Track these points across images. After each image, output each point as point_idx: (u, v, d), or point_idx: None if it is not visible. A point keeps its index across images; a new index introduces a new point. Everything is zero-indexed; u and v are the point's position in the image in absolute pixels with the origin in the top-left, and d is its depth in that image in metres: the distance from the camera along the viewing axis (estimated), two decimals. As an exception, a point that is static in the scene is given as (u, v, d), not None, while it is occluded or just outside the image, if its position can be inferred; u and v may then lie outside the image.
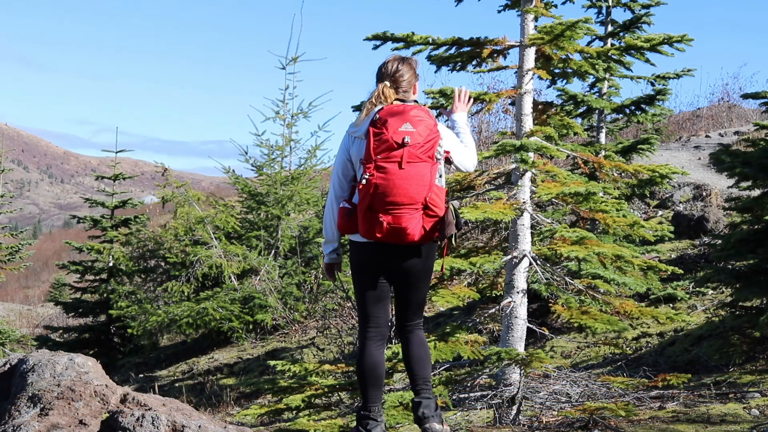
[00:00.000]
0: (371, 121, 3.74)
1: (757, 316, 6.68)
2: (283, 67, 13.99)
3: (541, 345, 9.07)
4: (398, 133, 3.64)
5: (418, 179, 3.63)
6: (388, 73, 3.91)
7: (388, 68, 3.93)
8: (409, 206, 3.63)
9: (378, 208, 3.65)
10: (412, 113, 3.71)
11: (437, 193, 3.67)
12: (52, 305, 21.46)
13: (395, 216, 3.64)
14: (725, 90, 22.25)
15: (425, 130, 3.67)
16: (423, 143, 3.65)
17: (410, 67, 3.94)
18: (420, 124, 3.68)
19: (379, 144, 3.66)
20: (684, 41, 6.23)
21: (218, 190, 31.67)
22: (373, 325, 3.91)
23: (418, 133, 3.65)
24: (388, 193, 3.62)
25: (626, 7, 10.60)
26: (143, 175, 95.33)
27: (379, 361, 3.90)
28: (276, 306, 12.30)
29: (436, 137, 3.70)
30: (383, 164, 3.64)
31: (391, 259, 3.81)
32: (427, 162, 3.66)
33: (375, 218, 3.66)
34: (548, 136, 5.94)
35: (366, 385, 3.90)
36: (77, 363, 3.86)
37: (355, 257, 3.91)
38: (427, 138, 3.66)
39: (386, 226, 3.64)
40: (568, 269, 6.95)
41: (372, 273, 3.87)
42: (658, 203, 13.29)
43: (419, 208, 3.64)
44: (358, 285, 3.94)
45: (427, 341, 4.00)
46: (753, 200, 7.11)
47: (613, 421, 5.15)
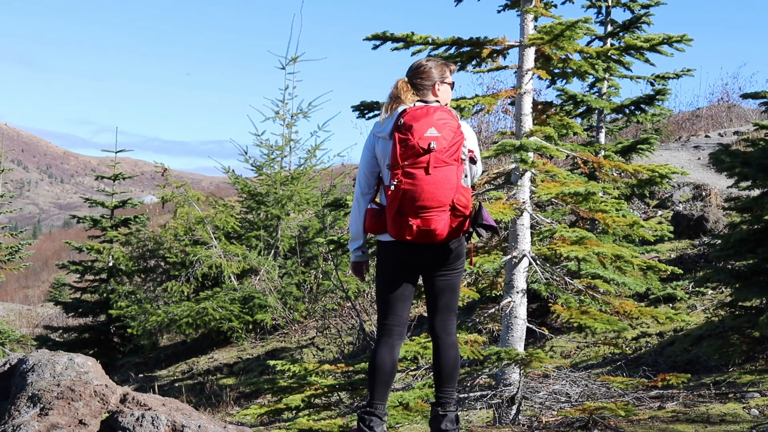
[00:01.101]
0: (396, 125, 3.76)
1: (757, 316, 6.68)
2: (282, 67, 14.01)
3: (540, 345, 9.07)
4: (424, 139, 3.67)
5: (445, 183, 3.68)
6: (410, 70, 3.95)
7: (412, 66, 3.97)
8: (438, 209, 3.69)
9: (407, 212, 3.70)
10: (436, 116, 3.73)
11: (463, 193, 3.72)
12: (51, 305, 21.46)
13: (424, 219, 3.69)
14: (725, 90, 22.26)
15: (450, 133, 3.70)
16: (448, 147, 3.68)
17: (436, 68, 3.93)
18: (445, 127, 3.70)
19: (405, 150, 3.69)
20: (684, 41, 6.23)
21: (218, 190, 31.67)
22: (393, 324, 3.93)
23: (443, 137, 3.68)
24: (416, 198, 3.68)
25: (626, 7, 10.60)
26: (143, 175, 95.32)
27: (392, 359, 3.91)
28: (276, 306, 12.30)
29: (461, 139, 3.73)
30: (411, 170, 3.68)
31: (419, 258, 3.85)
32: (453, 165, 3.70)
33: (405, 221, 3.72)
34: (548, 136, 5.94)
35: (375, 382, 3.90)
36: (77, 363, 3.86)
37: (382, 255, 3.95)
38: (452, 141, 3.70)
39: (416, 229, 3.71)
40: (567, 269, 6.95)
41: (398, 271, 3.91)
42: (657, 203, 13.29)
43: (447, 209, 3.70)
44: (383, 282, 3.96)
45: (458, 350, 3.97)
46: (752, 200, 7.12)
47: (613, 420, 5.16)
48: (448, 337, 3.93)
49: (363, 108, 6.28)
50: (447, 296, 3.92)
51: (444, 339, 3.93)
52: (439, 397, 3.95)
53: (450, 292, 3.92)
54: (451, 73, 4.00)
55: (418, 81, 3.90)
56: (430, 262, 3.86)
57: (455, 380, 3.96)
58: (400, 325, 3.93)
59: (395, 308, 3.92)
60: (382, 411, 3.90)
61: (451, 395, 3.94)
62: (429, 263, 3.86)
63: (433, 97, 3.92)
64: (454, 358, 3.93)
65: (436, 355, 3.95)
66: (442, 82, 3.93)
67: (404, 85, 3.89)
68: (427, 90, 3.91)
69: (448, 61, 4.03)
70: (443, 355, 3.92)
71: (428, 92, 3.91)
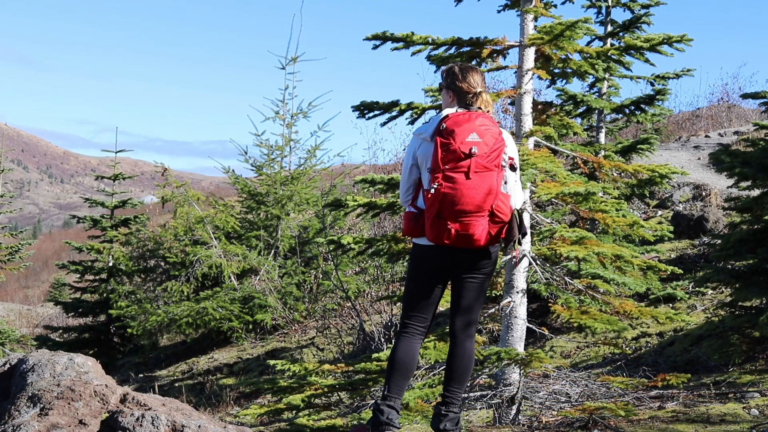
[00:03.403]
0: (438, 129, 3.78)
1: (757, 316, 6.68)
2: (282, 67, 14.00)
3: (540, 345, 9.07)
4: (465, 144, 3.70)
5: (485, 188, 3.70)
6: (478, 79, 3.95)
7: (479, 72, 3.98)
8: (477, 214, 3.71)
9: (447, 216, 3.72)
10: (477, 122, 3.75)
11: (503, 200, 3.74)
12: (51, 305, 21.46)
13: (463, 224, 3.72)
14: (725, 90, 22.28)
15: (491, 139, 3.73)
16: (489, 152, 3.71)
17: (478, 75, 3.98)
18: (486, 133, 3.73)
19: (446, 154, 3.72)
20: (683, 41, 6.23)
21: (218, 190, 31.68)
22: (417, 323, 3.97)
23: (484, 143, 3.71)
24: (456, 202, 3.70)
25: (626, 7, 10.60)
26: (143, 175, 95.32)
27: (414, 354, 3.94)
28: (276, 306, 12.30)
29: (502, 145, 3.76)
30: (452, 174, 3.71)
31: (455, 262, 3.87)
32: (493, 171, 3.72)
33: (443, 225, 3.74)
34: (548, 135, 5.94)
35: (394, 376, 3.93)
36: (77, 363, 3.86)
37: (417, 258, 3.97)
38: (493, 147, 3.72)
39: (454, 233, 3.73)
40: (567, 269, 6.95)
41: (432, 275, 3.94)
42: (657, 203, 13.30)
43: (486, 215, 3.72)
44: (415, 285, 3.99)
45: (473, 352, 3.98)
46: (752, 200, 7.12)
47: (613, 420, 5.16)
48: (467, 338, 3.95)
49: (363, 108, 6.28)
50: (472, 298, 3.94)
51: (462, 339, 3.95)
52: (445, 396, 3.97)
53: (476, 295, 3.94)
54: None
55: (482, 90, 3.94)
56: (465, 267, 3.88)
57: (464, 382, 3.97)
58: (423, 326, 3.99)
59: (422, 310, 3.97)
60: (399, 404, 3.92)
61: (457, 396, 3.95)
62: (463, 267, 3.89)
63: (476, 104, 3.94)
64: (468, 360, 3.95)
65: (451, 354, 3.97)
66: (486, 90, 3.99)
67: (485, 99, 3.93)
68: (477, 99, 3.94)
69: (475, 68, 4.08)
70: (458, 356, 3.94)
71: (478, 101, 3.95)
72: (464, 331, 3.95)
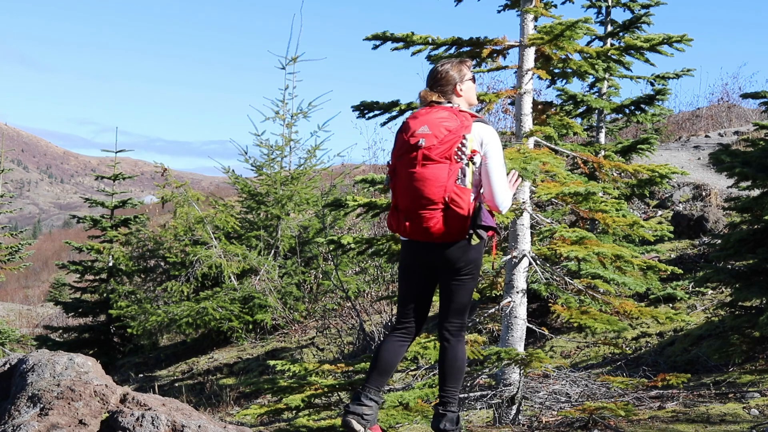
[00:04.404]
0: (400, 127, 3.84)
1: (757, 316, 6.68)
2: (282, 67, 14.00)
3: (540, 345, 9.07)
4: (415, 136, 3.73)
5: (433, 180, 3.68)
6: (429, 79, 3.97)
7: (429, 74, 3.99)
8: (429, 206, 3.69)
9: (402, 208, 3.79)
10: (435, 115, 3.76)
11: (458, 193, 3.68)
12: (51, 305, 21.47)
13: (415, 215, 3.73)
14: (725, 90, 22.29)
15: (442, 131, 3.70)
16: (438, 144, 3.68)
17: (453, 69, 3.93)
18: (438, 126, 3.71)
19: (399, 147, 3.79)
20: (683, 41, 6.23)
21: (218, 190, 31.69)
22: (403, 321, 3.98)
23: (433, 135, 3.69)
24: (405, 194, 3.75)
25: (626, 7, 10.61)
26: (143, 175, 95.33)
27: (395, 351, 3.94)
28: (276, 306, 12.30)
29: (455, 138, 3.70)
30: (401, 166, 3.76)
31: (427, 258, 3.86)
32: (443, 163, 3.68)
33: (400, 217, 3.80)
34: (548, 135, 5.94)
35: (373, 368, 3.95)
36: (77, 363, 3.86)
37: (400, 253, 4.04)
38: (444, 139, 3.69)
39: (409, 225, 3.76)
40: (567, 269, 6.95)
41: (412, 271, 3.95)
42: (657, 203, 13.29)
43: (440, 207, 3.69)
44: (399, 280, 4.06)
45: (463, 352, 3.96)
46: (752, 200, 7.12)
47: (613, 420, 5.16)
48: (453, 338, 3.93)
49: (363, 108, 6.28)
50: (457, 299, 3.91)
51: (448, 340, 3.93)
52: (441, 396, 3.97)
53: (464, 296, 3.91)
54: (469, 69, 4.00)
55: (439, 88, 3.92)
56: (440, 264, 3.85)
57: (458, 381, 3.96)
58: (407, 324, 3.97)
59: (406, 306, 3.98)
60: (370, 395, 3.91)
61: (453, 395, 3.94)
62: (438, 264, 3.86)
63: (456, 98, 3.92)
64: (457, 360, 3.92)
65: (441, 355, 3.97)
66: (462, 80, 3.93)
67: (428, 94, 3.91)
68: (450, 94, 3.92)
69: (462, 59, 4.04)
70: (448, 357, 3.93)
71: (452, 96, 3.92)
72: (450, 331, 3.93)
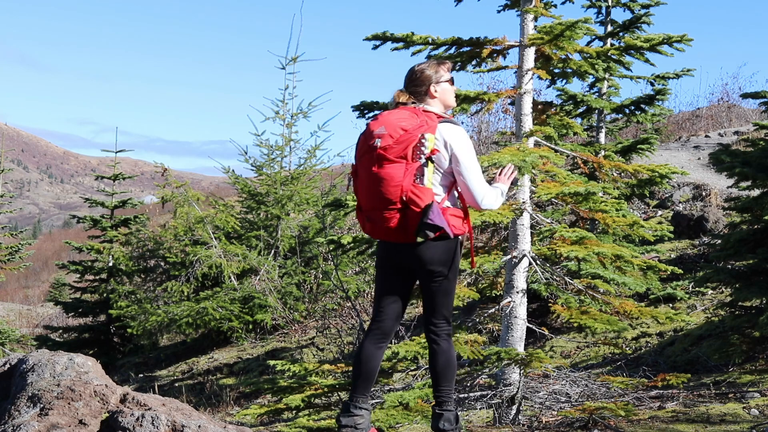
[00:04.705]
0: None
1: (757, 316, 6.68)
2: (282, 67, 14.00)
3: (540, 345, 9.07)
4: (372, 137, 3.74)
5: (389, 180, 3.68)
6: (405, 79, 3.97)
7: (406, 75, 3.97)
8: (388, 207, 3.70)
9: (364, 209, 3.83)
10: (394, 116, 3.75)
11: (416, 192, 3.66)
12: (51, 305, 21.47)
13: (376, 215, 3.76)
14: (725, 90, 22.30)
15: (399, 131, 3.68)
16: (394, 144, 3.67)
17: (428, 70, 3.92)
18: (395, 125, 3.70)
19: (359, 148, 3.81)
20: (683, 41, 6.23)
21: (218, 190, 31.70)
22: (376, 320, 3.97)
23: (389, 134, 3.68)
24: (364, 195, 3.79)
25: (626, 7, 10.61)
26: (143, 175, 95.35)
27: (372, 355, 3.93)
28: (276, 306, 12.30)
29: (411, 137, 3.67)
30: (361, 167, 3.80)
31: (398, 258, 3.86)
32: (399, 163, 3.67)
33: (363, 218, 3.85)
34: (548, 135, 5.94)
35: (356, 377, 3.96)
36: (77, 363, 3.85)
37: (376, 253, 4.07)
38: (399, 139, 3.67)
39: (369, 225, 3.81)
40: (567, 269, 6.95)
41: (384, 269, 3.96)
42: (657, 203, 13.30)
43: (397, 207, 3.69)
44: (375, 279, 4.07)
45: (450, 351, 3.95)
46: (752, 200, 7.12)
47: (613, 420, 5.16)
48: (439, 339, 3.92)
49: (363, 108, 6.28)
50: (438, 301, 3.90)
51: (435, 341, 3.93)
52: (437, 397, 3.97)
53: (441, 297, 3.89)
54: (447, 71, 3.96)
55: (413, 89, 3.91)
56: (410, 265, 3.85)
57: (451, 380, 3.95)
58: (381, 322, 3.96)
59: (381, 306, 3.97)
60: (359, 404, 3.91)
61: (448, 394, 3.94)
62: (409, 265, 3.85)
63: (431, 99, 3.90)
64: (448, 360, 3.92)
65: (430, 356, 3.97)
66: (437, 82, 3.90)
67: (399, 94, 3.92)
68: (424, 95, 3.89)
69: (442, 59, 4.03)
70: (435, 357, 3.93)
71: (425, 96, 3.90)
72: (435, 332, 3.93)
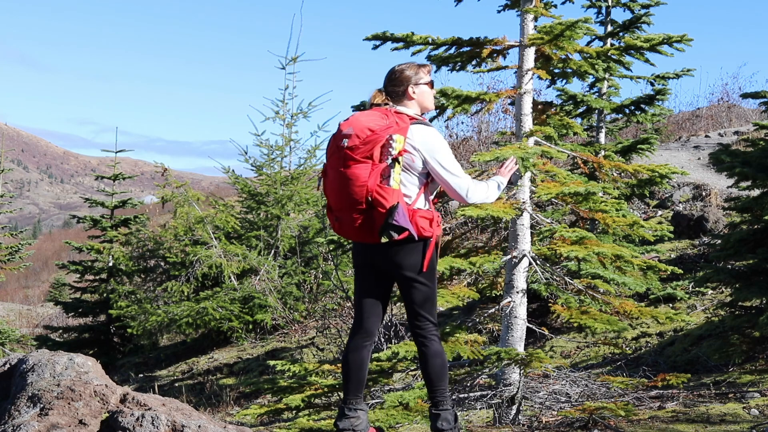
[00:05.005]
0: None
1: (757, 316, 6.68)
2: (282, 67, 14.00)
3: (540, 345, 9.07)
4: (340, 137, 3.74)
5: (354, 180, 3.68)
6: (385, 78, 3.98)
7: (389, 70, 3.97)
8: (354, 207, 3.71)
9: (333, 209, 3.85)
10: (364, 116, 3.76)
11: (382, 193, 3.65)
12: (51, 305, 21.47)
13: (343, 215, 3.77)
14: (725, 90, 22.32)
15: (366, 132, 3.67)
16: (360, 144, 3.66)
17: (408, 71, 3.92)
18: (363, 126, 3.69)
19: (329, 148, 3.83)
20: (683, 41, 6.23)
21: (218, 190, 31.70)
22: (358, 320, 4.01)
23: (356, 135, 3.68)
24: (332, 195, 3.80)
25: (626, 7, 10.60)
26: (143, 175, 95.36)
27: (361, 356, 3.95)
28: (276, 306, 12.30)
29: (377, 138, 3.66)
30: (330, 167, 3.80)
31: (369, 258, 3.89)
32: (365, 163, 3.67)
33: (332, 217, 3.86)
34: (548, 135, 5.93)
35: (346, 380, 3.98)
36: (77, 363, 3.86)
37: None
38: (366, 139, 3.66)
39: (338, 225, 3.83)
40: (567, 269, 6.95)
41: (359, 269, 3.99)
42: (657, 203, 13.30)
43: (363, 208, 3.69)
44: (354, 279, 4.09)
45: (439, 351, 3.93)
46: (752, 200, 7.12)
47: (613, 420, 5.16)
48: (426, 340, 3.92)
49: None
50: (416, 302, 3.89)
51: (423, 343, 3.93)
52: (432, 397, 3.98)
53: (419, 299, 3.88)
54: (428, 74, 3.97)
55: (391, 89, 3.92)
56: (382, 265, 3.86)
57: (444, 379, 3.94)
58: (362, 322, 3.97)
59: (361, 306, 3.99)
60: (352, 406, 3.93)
61: (442, 394, 3.94)
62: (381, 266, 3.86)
63: (408, 101, 3.91)
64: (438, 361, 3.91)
65: (420, 358, 3.98)
66: (416, 84, 3.91)
67: (377, 94, 3.93)
68: (400, 96, 3.90)
69: (423, 63, 4.03)
70: (426, 359, 3.93)
71: (402, 97, 3.90)
72: (422, 334, 3.92)
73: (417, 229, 3.73)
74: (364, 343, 3.97)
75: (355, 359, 3.94)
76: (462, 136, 18.69)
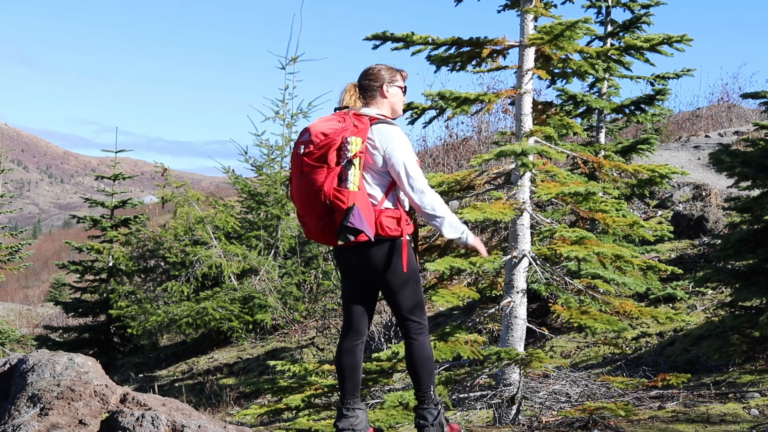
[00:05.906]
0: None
1: (757, 316, 6.68)
2: (282, 67, 14.01)
3: (540, 345, 9.07)
4: (300, 143, 3.79)
5: (311, 185, 3.72)
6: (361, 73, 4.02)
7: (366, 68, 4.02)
8: (315, 211, 3.75)
9: (299, 214, 3.89)
10: (321, 122, 3.80)
11: (339, 196, 3.67)
12: (51, 305, 21.48)
13: (307, 220, 3.82)
14: (725, 90, 22.34)
15: (320, 136, 3.71)
16: (314, 150, 3.71)
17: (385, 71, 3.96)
18: (317, 131, 3.73)
19: (292, 156, 3.87)
20: (683, 41, 6.23)
21: (218, 190, 31.71)
22: (346, 322, 4.04)
23: (312, 140, 3.72)
24: (296, 200, 3.85)
25: (626, 7, 10.60)
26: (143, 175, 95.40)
27: (354, 356, 3.99)
28: (276, 306, 12.30)
29: (331, 142, 3.69)
30: (293, 174, 3.85)
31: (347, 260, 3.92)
32: (322, 168, 3.70)
33: (301, 223, 3.90)
34: (548, 135, 5.94)
35: (342, 381, 4.02)
36: (77, 363, 3.86)
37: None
38: (320, 144, 3.69)
39: (305, 229, 3.87)
40: (567, 269, 6.95)
41: (343, 273, 4.03)
42: (657, 203, 13.30)
43: (324, 212, 3.72)
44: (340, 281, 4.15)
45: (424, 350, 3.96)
46: (752, 200, 7.11)
47: (613, 420, 5.16)
48: (414, 339, 3.97)
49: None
50: (398, 302, 3.93)
51: (410, 343, 3.98)
52: (417, 396, 4.04)
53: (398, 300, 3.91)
54: (403, 79, 4.03)
55: (366, 83, 3.96)
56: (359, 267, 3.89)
57: (430, 377, 3.99)
58: (351, 324, 4.00)
59: (347, 306, 4.02)
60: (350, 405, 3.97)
61: (425, 392, 3.98)
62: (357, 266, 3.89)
63: (381, 99, 3.95)
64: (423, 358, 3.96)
65: (407, 356, 4.02)
66: (391, 83, 3.96)
67: (351, 87, 3.98)
68: (375, 92, 3.94)
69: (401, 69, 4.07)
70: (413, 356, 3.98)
71: (376, 94, 3.95)
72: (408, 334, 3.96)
73: (382, 229, 3.75)
74: (355, 343, 4.00)
75: (349, 361, 3.98)
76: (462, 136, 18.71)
